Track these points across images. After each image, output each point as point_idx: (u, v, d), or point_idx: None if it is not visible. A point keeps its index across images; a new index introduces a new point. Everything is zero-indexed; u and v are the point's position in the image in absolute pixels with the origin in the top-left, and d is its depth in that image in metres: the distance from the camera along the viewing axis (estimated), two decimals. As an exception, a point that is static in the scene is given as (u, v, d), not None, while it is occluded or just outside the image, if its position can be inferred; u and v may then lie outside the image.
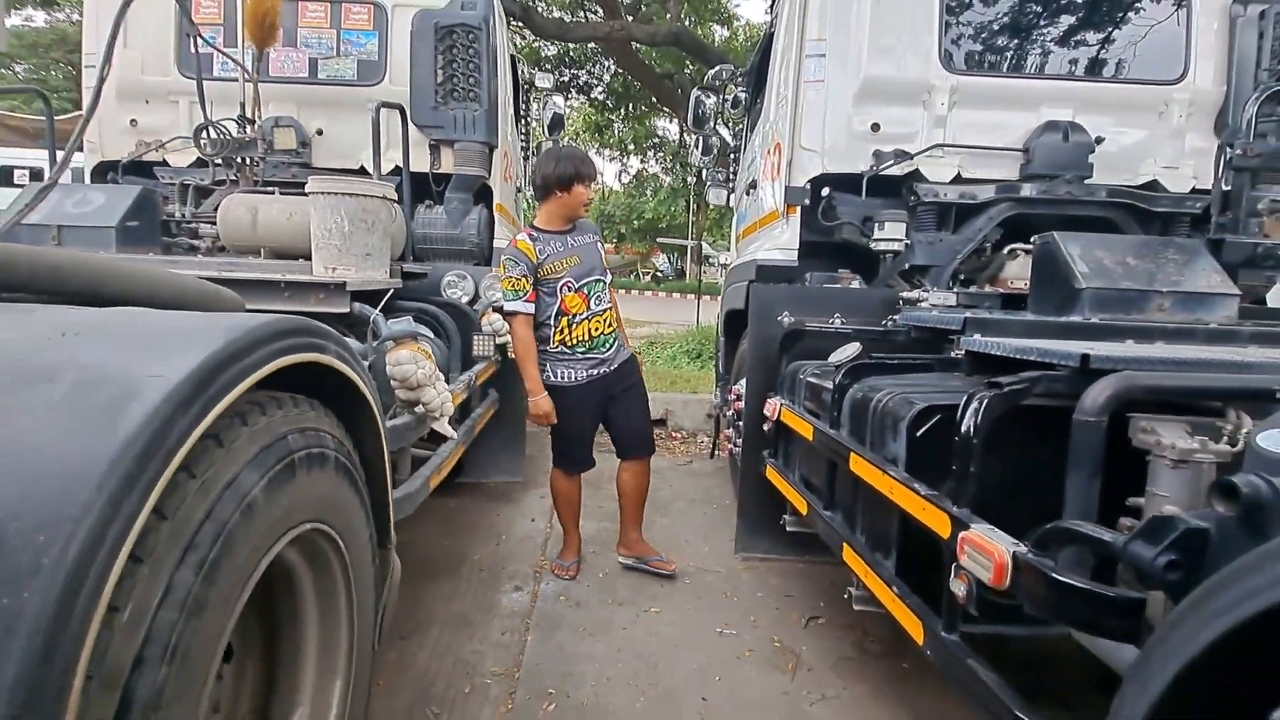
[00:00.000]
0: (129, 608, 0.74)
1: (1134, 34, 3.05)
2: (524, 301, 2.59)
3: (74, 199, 2.98)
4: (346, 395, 1.36)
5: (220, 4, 3.67)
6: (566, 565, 2.87)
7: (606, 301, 2.73)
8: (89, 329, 0.93)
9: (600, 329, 2.70)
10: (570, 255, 2.64)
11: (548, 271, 2.61)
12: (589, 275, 2.67)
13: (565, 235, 2.67)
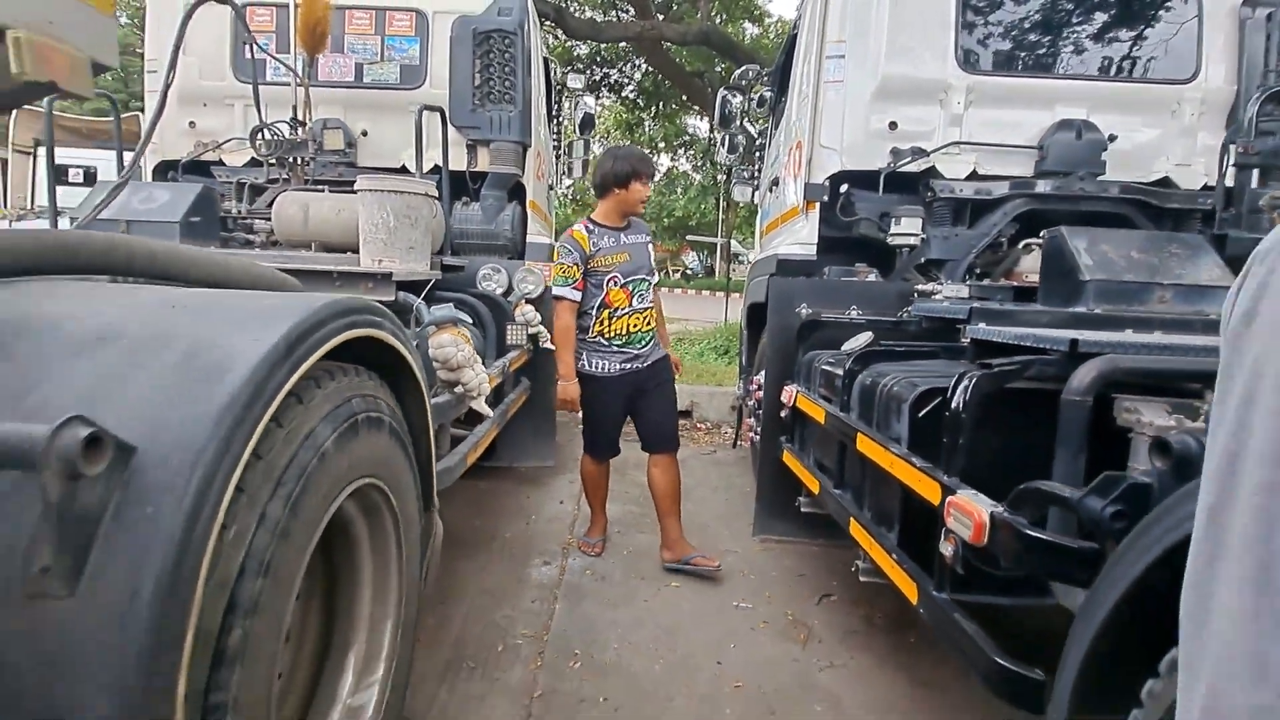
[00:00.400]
0: (234, 527, 0.92)
1: (1146, 35, 3.10)
2: (571, 288, 2.72)
3: (140, 196, 3.23)
4: (397, 370, 1.53)
5: (273, 13, 3.90)
6: (593, 543, 3.04)
7: (649, 300, 2.84)
8: (192, 304, 1.11)
9: (639, 326, 2.80)
10: (621, 251, 2.76)
11: (597, 264, 2.73)
12: (636, 273, 2.78)
13: (620, 232, 2.79)
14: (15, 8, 1.00)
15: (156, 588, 0.77)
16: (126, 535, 0.77)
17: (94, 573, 0.75)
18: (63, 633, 0.74)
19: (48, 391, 0.87)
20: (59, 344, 0.95)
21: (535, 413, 3.77)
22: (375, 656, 1.56)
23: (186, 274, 1.42)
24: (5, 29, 0.98)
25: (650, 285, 2.85)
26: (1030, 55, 3.18)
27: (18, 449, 0.69)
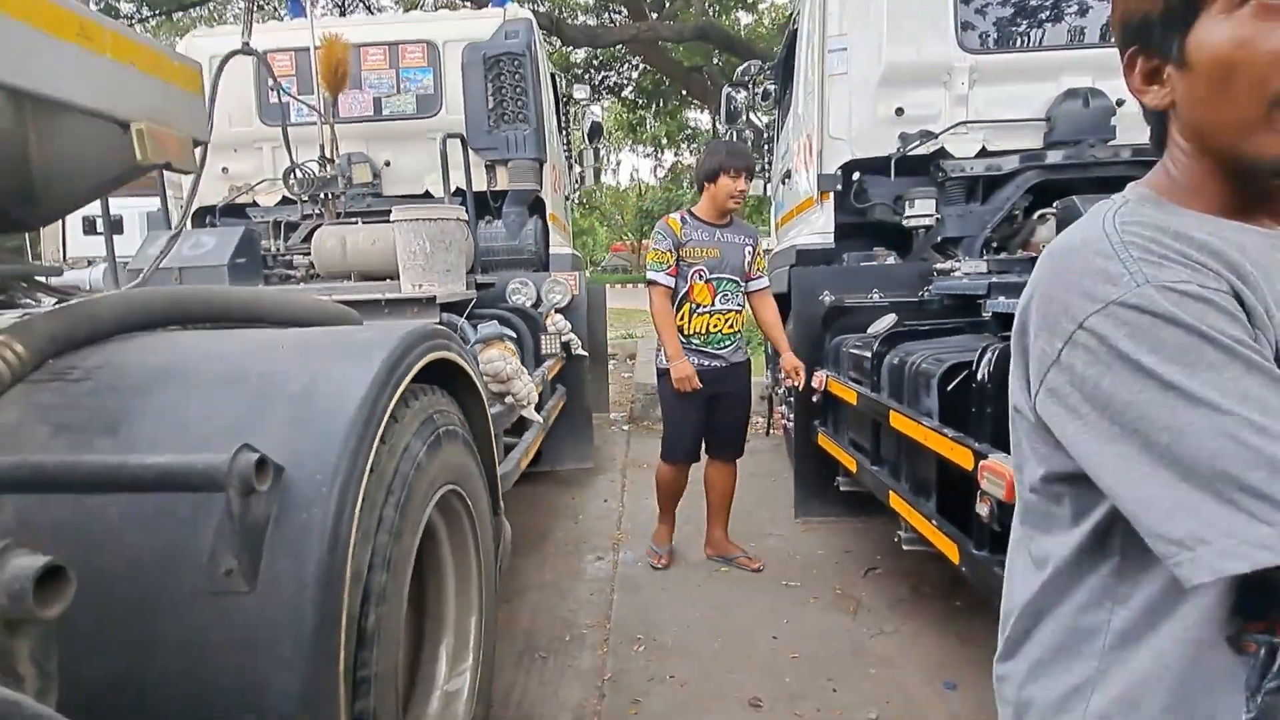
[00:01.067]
0: (361, 529, 1.07)
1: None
2: (665, 274, 2.68)
3: (189, 243, 3.43)
4: (460, 385, 1.68)
5: (292, 58, 4.09)
6: (659, 552, 2.94)
7: (734, 304, 2.76)
8: (295, 344, 1.27)
9: (719, 326, 2.73)
10: (712, 247, 2.71)
11: (686, 254, 2.70)
12: (723, 271, 2.72)
13: (716, 228, 2.73)
14: (133, 103, 1.17)
15: (318, 579, 0.92)
16: (288, 539, 0.93)
17: (267, 571, 0.90)
18: (249, 620, 0.89)
19: (203, 426, 1.03)
20: (199, 386, 1.12)
21: (572, 417, 3.93)
22: (464, 647, 1.72)
23: (270, 316, 1.58)
24: (129, 123, 1.15)
25: (740, 289, 2.78)
26: (1029, 29, 3.25)
27: (205, 473, 0.85)
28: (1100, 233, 0.58)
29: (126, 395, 1.11)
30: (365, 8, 13.53)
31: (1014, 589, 0.71)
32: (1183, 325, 0.51)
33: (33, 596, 0.56)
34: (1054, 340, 0.58)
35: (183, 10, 10.90)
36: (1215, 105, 0.56)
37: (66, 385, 1.12)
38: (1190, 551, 0.50)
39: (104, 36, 1.13)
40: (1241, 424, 0.49)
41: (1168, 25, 0.58)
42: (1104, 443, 0.55)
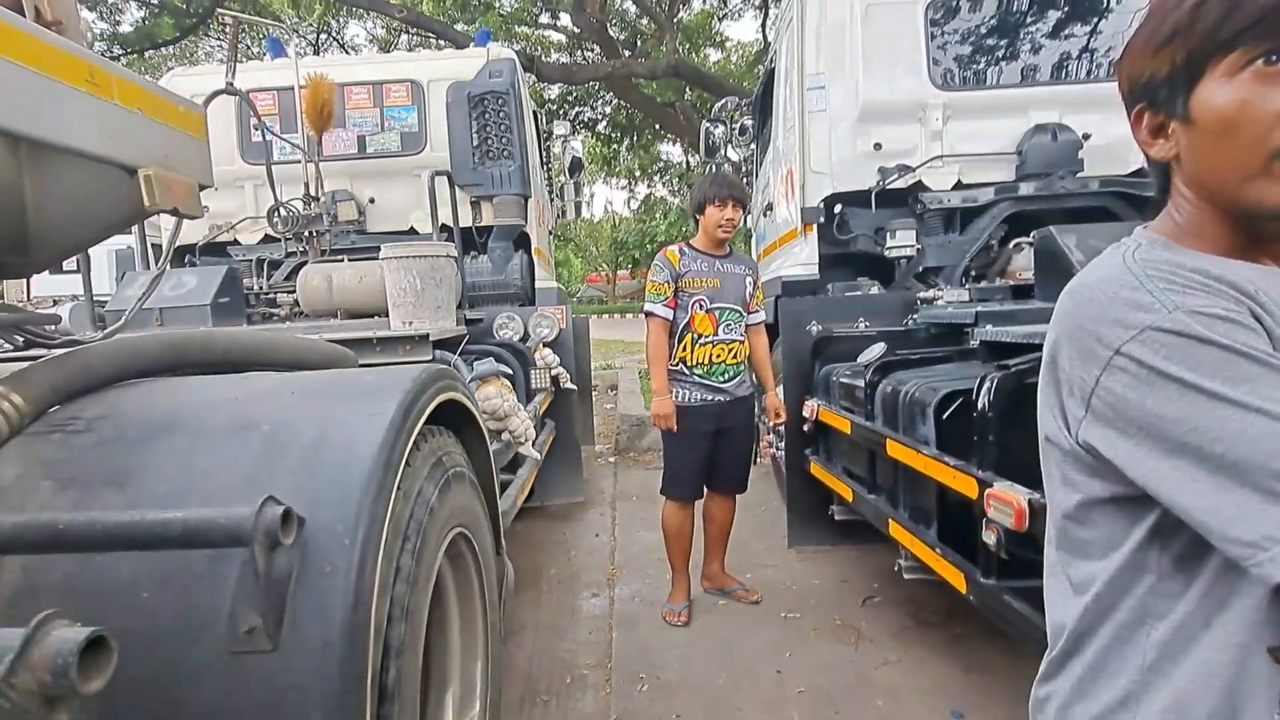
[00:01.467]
0: (382, 580, 1.04)
1: (1106, 34, 3.31)
2: (663, 305, 2.64)
3: (170, 283, 3.37)
4: (462, 424, 1.66)
5: (275, 97, 4.09)
6: (676, 610, 2.73)
7: (737, 334, 2.71)
8: (305, 389, 1.25)
9: (723, 357, 2.68)
10: (712, 277, 2.67)
11: (686, 285, 2.65)
12: (725, 301, 2.68)
13: (715, 258, 2.70)
14: (140, 149, 1.16)
15: (343, 636, 0.89)
16: (311, 594, 0.90)
17: (290, 628, 0.87)
18: (272, 681, 0.86)
19: (215, 478, 1.00)
20: (207, 436, 1.09)
21: (562, 451, 3.89)
22: (470, 693, 1.67)
23: (270, 359, 1.56)
24: (136, 169, 1.13)
25: (741, 318, 2.73)
26: (998, 67, 3.39)
27: (229, 528, 0.83)
28: (1123, 267, 0.62)
29: (132, 447, 1.08)
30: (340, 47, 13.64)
31: (1055, 612, 0.73)
32: (1216, 344, 0.55)
33: (76, 670, 0.53)
34: (1091, 369, 0.61)
35: (154, 48, 10.86)
36: (1218, 158, 0.61)
37: (69, 437, 1.09)
38: (1266, 552, 0.52)
39: (112, 82, 1.12)
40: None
41: (1173, 86, 0.62)
42: (1159, 459, 0.57)
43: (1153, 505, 0.61)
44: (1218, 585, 0.60)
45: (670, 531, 2.80)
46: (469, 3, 11.46)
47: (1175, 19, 0.61)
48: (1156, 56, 0.63)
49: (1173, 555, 0.62)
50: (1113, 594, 0.65)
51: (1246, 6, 0.57)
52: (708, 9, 14.83)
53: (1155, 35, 0.63)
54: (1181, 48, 0.61)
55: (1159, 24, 0.63)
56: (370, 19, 13.56)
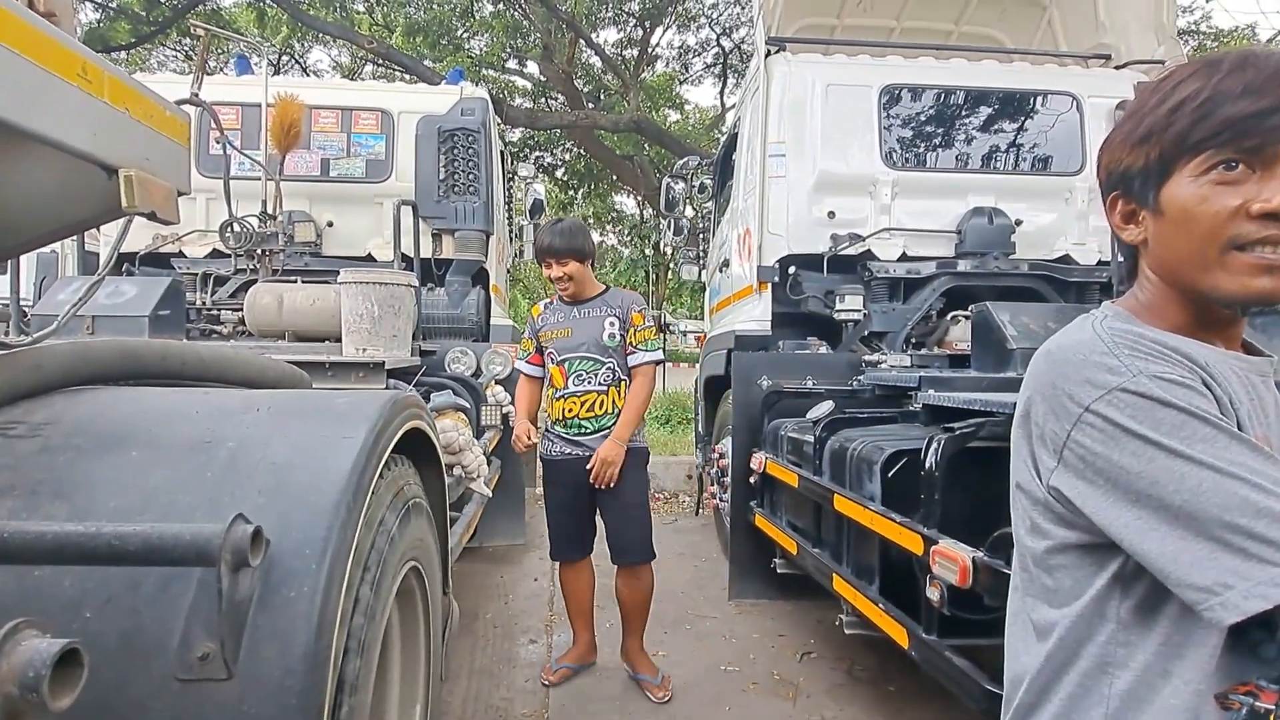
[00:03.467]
0: (342, 610, 1.00)
1: (1040, 134, 3.64)
2: (525, 363, 2.63)
3: (106, 290, 3.20)
4: (421, 457, 1.63)
5: (238, 112, 4.02)
6: (553, 667, 2.60)
7: (592, 384, 2.48)
8: (272, 408, 1.21)
9: (574, 410, 2.48)
10: (564, 328, 2.52)
11: (544, 338, 2.56)
12: (574, 351, 2.49)
13: (571, 307, 2.55)
14: (123, 150, 1.13)
15: (303, 666, 0.85)
16: (272, 620, 0.86)
17: (248, 655, 0.83)
18: (225, 713, 0.81)
19: (177, 493, 0.96)
20: (166, 450, 1.04)
21: (505, 491, 3.82)
22: (406, 741, 1.59)
23: (226, 375, 1.51)
24: (118, 169, 1.11)
25: (598, 364, 2.48)
26: (942, 152, 3.66)
27: (194, 546, 0.79)
28: (1094, 335, 0.69)
29: (81, 456, 1.02)
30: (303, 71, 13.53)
31: (1018, 658, 0.77)
32: (1175, 407, 0.61)
33: (48, 684, 0.50)
34: (1063, 424, 0.67)
35: (105, 52, 10.51)
36: (1180, 247, 0.68)
37: (9, 442, 1.03)
38: (1218, 596, 0.58)
39: (104, 80, 1.10)
40: (1240, 483, 0.58)
41: (1146, 179, 0.70)
42: (1123, 508, 0.63)
43: (1115, 554, 0.66)
44: (1175, 634, 0.65)
45: (562, 590, 2.68)
46: (439, 41, 11.61)
47: (1151, 121, 0.69)
48: (1133, 151, 0.71)
49: (1133, 604, 0.67)
50: (1076, 641, 0.70)
51: (1211, 118, 0.64)
52: (670, 72, 15.46)
53: (1133, 133, 0.71)
54: (1155, 147, 0.68)
55: (1137, 124, 0.71)
56: (335, 46, 13.54)
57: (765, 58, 3.60)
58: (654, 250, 16.45)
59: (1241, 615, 0.57)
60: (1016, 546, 0.78)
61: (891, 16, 4.57)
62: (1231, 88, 0.64)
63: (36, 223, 1.30)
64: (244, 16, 11.38)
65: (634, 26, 14.00)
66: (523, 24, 12.29)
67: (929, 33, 4.52)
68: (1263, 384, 0.72)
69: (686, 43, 15.02)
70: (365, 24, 12.01)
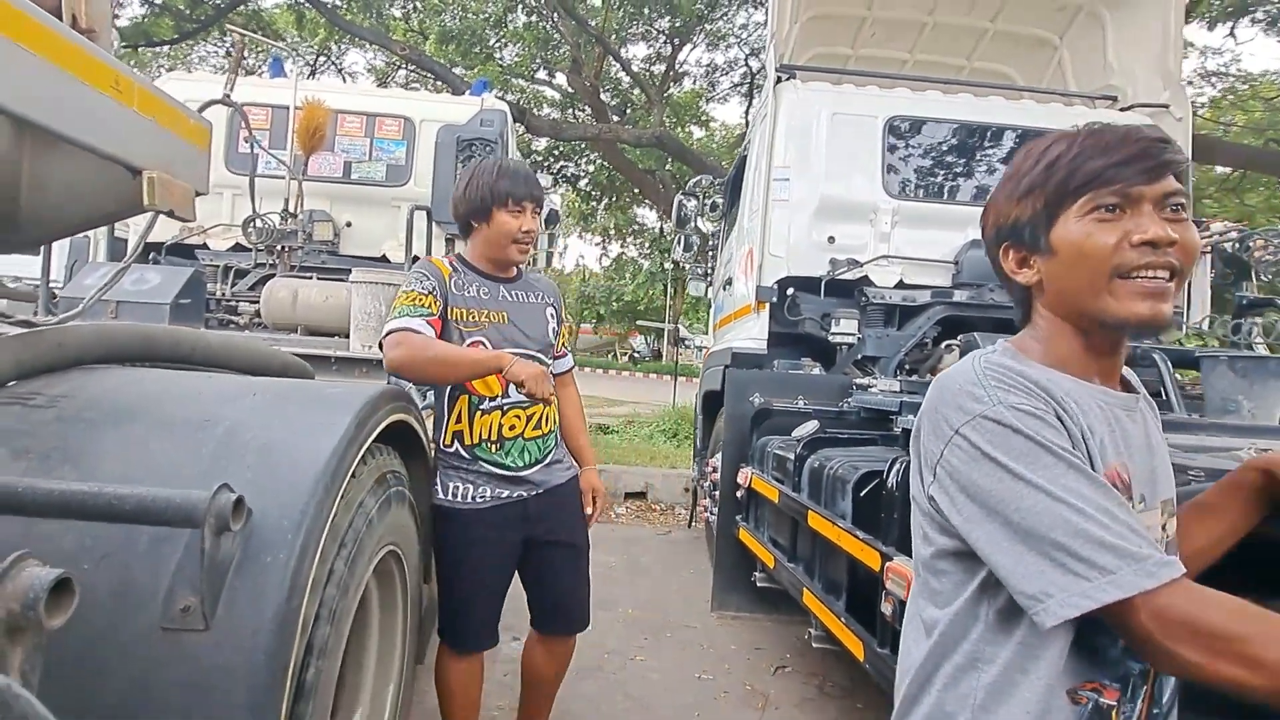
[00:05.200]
0: (314, 580, 1.10)
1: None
2: (423, 320, 1.66)
3: (132, 277, 3.35)
4: (408, 449, 1.73)
5: (268, 113, 4.19)
6: None
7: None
8: (268, 393, 1.32)
9: (519, 428, 1.77)
10: (494, 309, 1.78)
11: (455, 317, 1.74)
12: (515, 345, 1.77)
13: (499, 282, 1.82)
14: (148, 153, 1.25)
15: (274, 624, 0.95)
16: (250, 581, 0.96)
17: (225, 610, 0.93)
18: (201, 660, 0.91)
19: (171, 465, 1.07)
20: (169, 426, 1.15)
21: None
22: (379, 718, 1.68)
23: (233, 362, 1.62)
24: (141, 170, 1.23)
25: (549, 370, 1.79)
26: (945, 185, 3.73)
27: (183, 509, 0.89)
28: (970, 369, 0.79)
29: (92, 427, 1.13)
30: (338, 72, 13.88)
31: (909, 653, 0.86)
32: (1024, 434, 0.71)
33: (44, 605, 0.60)
34: (938, 443, 0.77)
35: (149, 46, 10.89)
36: (1073, 279, 0.78)
37: (28, 410, 1.14)
38: (1041, 603, 0.68)
39: (134, 91, 1.23)
40: (1067, 507, 0.68)
41: (1035, 226, 0.80)
42: (979, 521, 0.73)
43: (983, 563, 0.75)
44: (1030, 636, 0.74)
45: (445, 691, 1.91)
46: (471, 50, 11.89)
47: (1031, 178, 0.80)
48: (1019, 204, 0.81)
49: (998, 608, 0.76)
50: (952, 638, 0.79)
51: (1081, 170, 0.76)
52: (697, 89, 15.67)
53: (1015, 191, 0.82)
54: (1040, 198, 0.79)
55: (1017, 184, 0.82)
56: (370, 50, 13.89)
57: (775, 84, 3.70)
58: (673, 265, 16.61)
59: (1058, 620, 0.67)
60: (915, 553, 0.87)
61: (905, 49, 4.68)
62: (1090, 148, 0.77)
63: (68, 215, 1.43)
64: (283, 18, 11.73)
65: (663, 43, 14.25)
66: (553, 36, 12.56)
67: (941, 67, 4.62)
68: (1128, 417, 0.81)
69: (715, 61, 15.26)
70: (400, 30, 12.32)
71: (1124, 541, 0.67)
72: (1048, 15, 4.38)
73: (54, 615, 0.61)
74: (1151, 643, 0.66)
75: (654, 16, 12.73)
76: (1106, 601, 0.65)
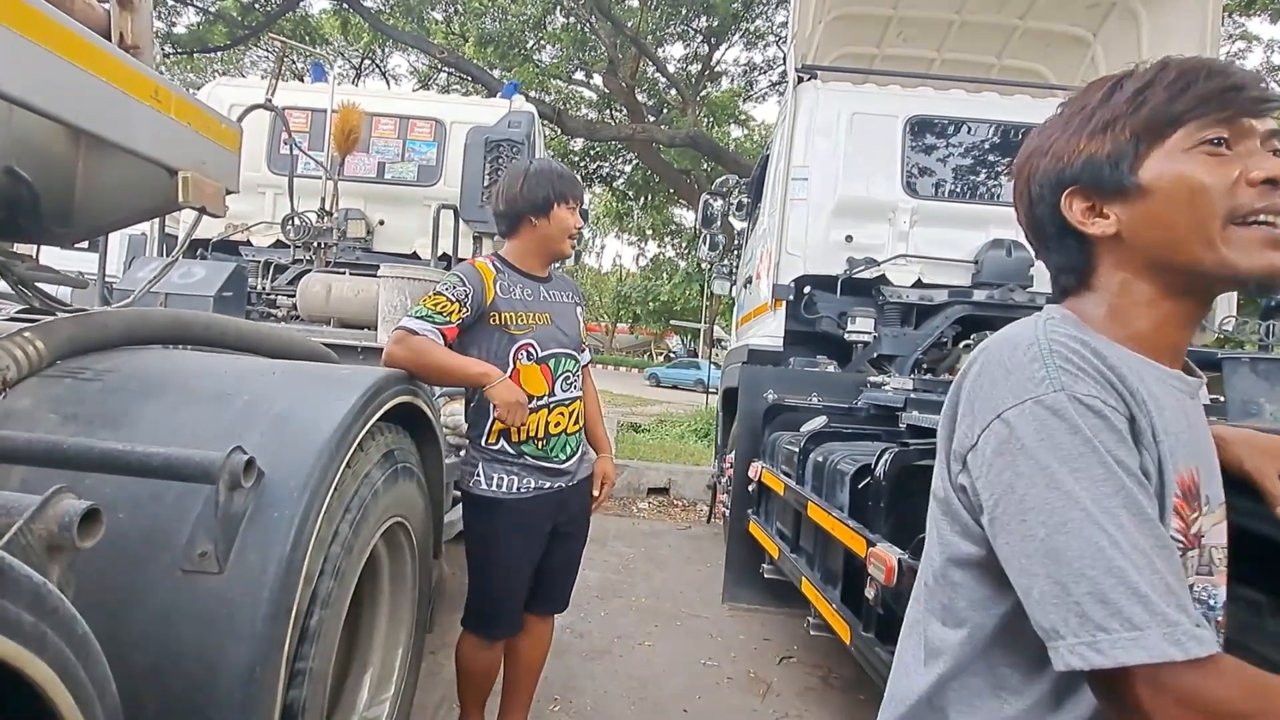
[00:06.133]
0: (320, 537, 1.22)
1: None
2: (435, 328, 1.71)
3: (179, 271, 3.58)
4: (422, 431, 1.86)
5: (308, 116, 4.41)
6: None
7: (578, 389, 1.93)
8: (285, 372, 1.45)
9: (563, 424, 1.87)
10: (540, 311, 1.85)
11: (504, 321, 1.79)
12: (560, 346, 1.86)
13: (540, 283, 1.90)
14: (182, 155, 1.39)
15: (278, 570, 1.07)
16: (259, 533, 1.09)
17: (237, 557, 1.06)
18: (215, 598, 1.03)
19: (195, 431, 1.20)
20: (196, 398, 1.29)
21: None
22: (387, 678, 1.82)
23: (260, 346, 1.77)
24: (178, 170, 1.37)
25: (580, 367, 1.95)
26: (965, 184, 3.72)
27: (201, 466, 1.02)
28: (1033, 337, 0.65)
29: (130, 397, 1.28)
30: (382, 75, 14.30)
31: (908, 674, 0.75)
32: (1080, 435, 0.59)
33: (77, 529, 0.72)
34: (975, 428, 0.65)
35: (204, 52, 11.42)
36: (1178, 223, 0.64)
37: (78, 383, 1.29)
38: (1052, 642, 0.58)
39: (171, 100, 1.37)
40: (1106, 537, 0.56)
41: (1119, 162, 0.67)
42: (1004, 524, 0.62)
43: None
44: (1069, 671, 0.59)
45: (467, 674, 1.99)
46: (509, 51, 12.14)
47: (1108, 111, 0.68)
48: (1093, 140, 0.68)
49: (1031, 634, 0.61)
50: (971, 663, 0.68)
51: (1189, 92, 0.64)
52: (735, 88, 15.66)
53: (1085, 126, 0.69)
54: (1124, 130, 0.66)
55: (1087, 119, 0.69)
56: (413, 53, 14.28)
57: (795, 85, 3.75)
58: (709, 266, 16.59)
59: (1065, 667, 0.57)
60: (924, 558, 0.77)
61: (932, 48, 4.65)
62: (1188, 71, 0.65)
63: (114, 210, 1.59)
64: (329, 23, 12.15)
65: (700, 43, 14.29)
66: (590, 38, 12.73)
67: (971, 65, 4.59)
68: (1193, 405, 0.70)
69: (753, 60, 15.22)
70: (441, 33, 12.65)
71: (1157, 595, 0.55)
72: (1080, 12, 4.31)
73: (85, 538, 0.73)
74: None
75: (690, 16, 12.80)
76: (1126, 663, 0.54)
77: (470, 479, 1.86)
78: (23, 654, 0.61)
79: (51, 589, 0.66)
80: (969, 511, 0.68)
